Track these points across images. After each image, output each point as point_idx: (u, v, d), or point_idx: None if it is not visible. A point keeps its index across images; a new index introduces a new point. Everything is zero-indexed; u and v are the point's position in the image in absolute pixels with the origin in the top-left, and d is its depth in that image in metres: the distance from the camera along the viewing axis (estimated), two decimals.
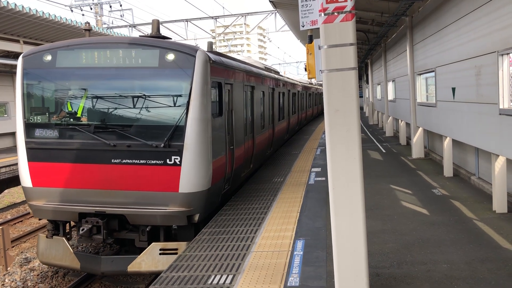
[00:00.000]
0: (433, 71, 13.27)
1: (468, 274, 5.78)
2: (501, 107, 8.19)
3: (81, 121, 8.36)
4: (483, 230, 7.54)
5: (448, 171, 12.28)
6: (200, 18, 28.24)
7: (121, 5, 31.42)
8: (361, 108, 47.58)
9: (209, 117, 8.10)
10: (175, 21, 28.32)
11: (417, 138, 15.79)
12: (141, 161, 7.92)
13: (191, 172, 7.81)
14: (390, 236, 7.44)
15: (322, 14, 4.68)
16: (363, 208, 4.76)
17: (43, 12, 17.84)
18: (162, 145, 7.77)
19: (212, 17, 28.51)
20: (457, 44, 10.76)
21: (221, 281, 5.85)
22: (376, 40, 22.54)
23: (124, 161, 7.99)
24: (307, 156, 16.94)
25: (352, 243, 4.77)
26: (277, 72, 20.87)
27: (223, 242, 7.41)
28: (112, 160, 8.02)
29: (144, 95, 8.05)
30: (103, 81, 8.29)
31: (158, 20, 9.19)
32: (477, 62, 9.32)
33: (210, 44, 10.44)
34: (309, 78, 8.06)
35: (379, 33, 20.16)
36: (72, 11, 29.18)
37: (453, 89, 11.14)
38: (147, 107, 8.09)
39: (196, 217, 8.04)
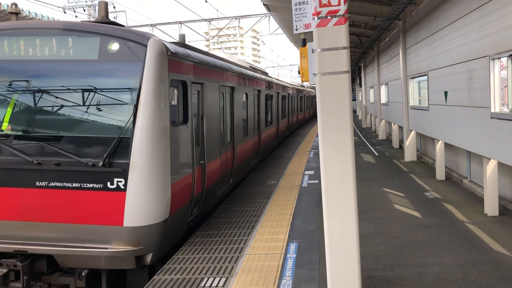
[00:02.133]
0: (425, 74, 13.36)
1: (460, 277, 5.82)
2: (492, 111, 8.26)
3: None
4: (475, 233, 7.59)
5: (440, 174, 12.36)
6: (194, 21, 28.23)
7: (114, 7, 31.38)
8: (354, 111, 47.77)
9: (166, 126, 6.39)
10: (169, 23, 28.28)
11: (410, 141, 15.87)
12: (74, 185, 6.11)
13: (140, 200, 6.05)
14: (382, 238, 7.47)
15: (316, 18, 4.71)
16: (356, 210, 4.78)
17: (36, 14, 17.77)
18: (101, 163, 5.99)
19: (206, 20, 28.52)
20: (449, 48, 10.85)
21: (214, 284, 5.84)
22: (369, 44, 22.66)
23: (52, 184, 6.14)
24: (301, 158, 16.97)
25: (345, 245, 4.79)
26: (265, 73, 19.23)
27: (216, 244, 7.40)
28: (37, 183, 6.17)
29: (79, 97, 6.36)
30: (26, 79, 6.49)
31: (106, 2, 7.26)
32: (469, 66, 9.39)
33: (182, 37, 8.93)
34: (302, 81, 8.05)
35: (372, 36, 20.27)
36: (65, 12, 29.11)
37: (445, 93, 11.23)
38: (83, 113, 6.35)
39: (149, 258, 6.27)
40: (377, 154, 18.01)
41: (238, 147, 11.20)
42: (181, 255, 7.02)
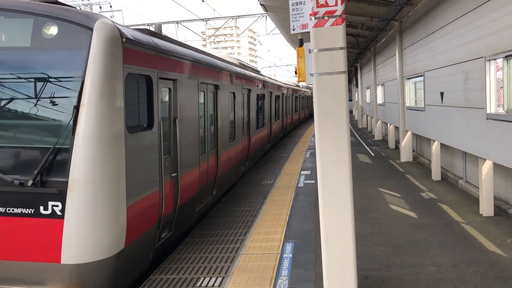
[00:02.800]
0: (422, 75, 13.40)
1: (455, 277, 5.84)
2: (488, 111, 8.29)
3: None
4: (470, 233, 7.62)
5: (436, 174, 12.39)
6: (191, 20, 28.21)
7: (111, 6, 31.33)
8: (351, 112, 47.87)
9: (118, 132, 5.09)
10: (166, 22, 28.23)
11: (406, 142, 15.91)
12: None
13: (82, 229, 4.77)
14: (378, 239, 7.49)
15: (313, 18, 4.72)
16: (352, 210, 4.80)
17: None
18: (31, 181, 4.74)
19: (202, 19, 28.50)
20: (445, 49, 10.88)
21: (210, 283, 5.84)
22: (365, 44, 22.71)
23: None
24: (297, 158, 16.99)
25: (341, 245, 4.80)
26: (256, 71, 17.77)
27: (212, 244, 7.40)
28: None
29: (5, 96, 5.08)
30: None
31: None
32: (465, 67, 9.43)
33: (158, 27, 7.79)
34: (299, 82, 8.01)
35: (368, 37, 20.31)
36: None
37: (442, 94, 11.27)
38: (9, 117, 5.07)
39: None
40: (373, 154, 18.04)
41: (223, 154, 9.88)
42: (177, 254, 7.02)
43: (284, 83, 26.22)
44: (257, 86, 15.03)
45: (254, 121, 14.26)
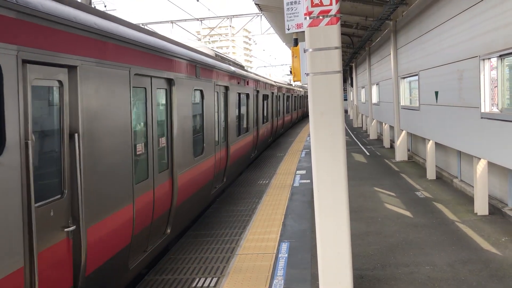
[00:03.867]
0: (416, 75, 13.43)
1: (450, 276, 5.85)
2: (482, 111, 8.32)
3: None
4: (465, 232, 7.64)
5: (431, 173, 12.43)
6: (186, 20, 28.17)
7: (105, 6, 31.21)
8: (346, 111, 47.94)
9: None
10: (160, 22, 28.19)
11: (401, 141, 15.95)
12: None
13: None
14: (374, 238, 7.49)
15: (307, 18, 4.71)
16: (348, 210, 4.80)
17: None
18: None
19: (197, 19, 28.46)
20: (440, 48, 10.91)
21: (206, 284, 5.83)
22: (360, 44, 22.76)
23: None
24: (292, 158, 16.99)
25: (337, 245, 4.80)
26: (240, 66, 15.44)
27: (208, 244, 7.39)
28: None
29: None
30: None
31: None
32: (460, 67, 9.46)
33: None
34: (294, 81, 8.00)
35: (363, 36, 20.35)
36: None
37: (436, 93, 11.30)
38: None
39: None
40: (368, 153, 18.07)
41: (184, 175, 7.27)
42: (173, 255, 6.99)
43: (274, 81, 24.28)
44: (239, 83, 12.51)
45: (233, 126, 11.73)
